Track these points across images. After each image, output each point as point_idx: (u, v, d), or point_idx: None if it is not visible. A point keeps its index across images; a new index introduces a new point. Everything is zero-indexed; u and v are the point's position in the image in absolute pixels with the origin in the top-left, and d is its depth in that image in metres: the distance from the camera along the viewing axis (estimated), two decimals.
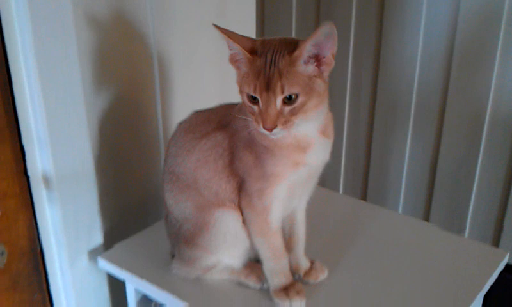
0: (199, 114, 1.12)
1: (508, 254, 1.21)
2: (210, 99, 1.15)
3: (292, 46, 0.89)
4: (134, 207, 1.40)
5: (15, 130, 1.12)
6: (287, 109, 0.90)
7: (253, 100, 0.91)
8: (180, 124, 1.13)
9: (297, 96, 0.89)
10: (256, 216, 1.03)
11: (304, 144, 0.98)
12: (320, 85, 0.92)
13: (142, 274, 1.16)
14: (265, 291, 1.09)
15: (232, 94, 1.11)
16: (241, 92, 0.94)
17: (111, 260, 1.22)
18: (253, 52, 0.91)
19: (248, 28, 1.65)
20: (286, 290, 1.06)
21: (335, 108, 1.03)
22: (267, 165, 0.98)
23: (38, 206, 1.19)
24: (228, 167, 1.04)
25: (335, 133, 1.05)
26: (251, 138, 0.99)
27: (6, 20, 1.05)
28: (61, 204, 1.19)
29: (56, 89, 1.13)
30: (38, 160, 1.16)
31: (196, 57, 1.48)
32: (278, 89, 0.88)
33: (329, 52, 0.90)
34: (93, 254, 1.27)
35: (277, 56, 0.89)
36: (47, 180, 1.18)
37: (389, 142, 1.86)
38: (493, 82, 1.59)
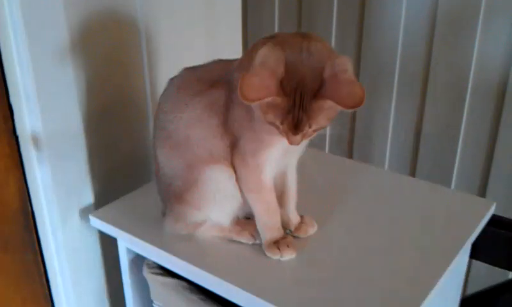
0: (191, 71, 1.10)
1: (495, 204, 1.24)
2: (197, 56, 1.14)
3: (318, 80, 0.88)
4: (124, 167, 1.40)
5: (2, 89, 1.11)
6: (311, 129, 0.92)
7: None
8: (172, 80, 1.12)
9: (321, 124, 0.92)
10: (250, 174, 1.04)
11: None
12: (338, 109, 0.91)
13: (134, 232, 1.17)
14: (257, 246, 1.11)
15: (220, 51, 1.10)
16: (259, 107, 0.91)
17: (103, 218, 1.22)
18: (280, 86, 0.88)
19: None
20: (277, 243, 1.08)
21: None
22: (262, 130, 0.98)
23: (28, 166, 1.19)
24: (223, 125, 1.03)
25: None
26: None
27: None
28: (50, 164, 1.19)
29: (43, 46, 1.12)
30: (27, 120, 1.16)
31: (183, 13, 1.47)
32: (306, 127, 0.90)
33: None
34: (84, 212, 1.28)
35: (304, 98, 0.88)
36: (36, 140, 1.17)
37: (373, 107, 1.87)
38: (475, 47, 1.61)
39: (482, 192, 1.74)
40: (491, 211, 1.23)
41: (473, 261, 1.77)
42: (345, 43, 1.87)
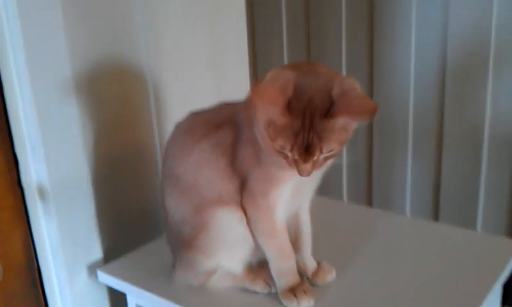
0: (197, 115, 1.09)
1: None
2: (205, 100, 1.12)
3: (327, 99, 0.85)
4: (133, 220, 1.36)
5: (7, 139, 1.09)
6: (322, 157, 0.88)
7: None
8: (178, 125, 1.10)
9: (332, 150, 0.88)
10: (261, 216, 1.00)
11: None
12: (350, 131, 0.89)
13: (143, 286, 1.12)
14: (273, 295, 1.05)
15: (227, 95, 1.09)
16: (268, 135, 0.88)
17: (111, 273, 1.18)
18: (287, 106, 0.85)
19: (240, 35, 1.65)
20: (293, 290, 1.02)
21: None
22: (272, 169, 0.95)
23: (34, 219, 1.16)
24: (231, 167, 1.00)
25: None
26: (256, 139, 0.96)
27: None
28: (57, 216, 1.16)
29: (49, 97, 1.11)
30: (32, 171, 1.13)
31: (190, 61, 1.47)
32: (317, 152, 0.86)
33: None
34: (92, 267, 1.23)
35: (314, 118, 0.85)
36: (41, 192, 1.14)
37: (389, 164, 1.84)
38: (489, 98, 1.59)
39: (510, 235, 1.67)
40: None
41: None
42: None
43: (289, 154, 0.87)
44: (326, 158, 0.89)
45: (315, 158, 0.87)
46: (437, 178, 1.76)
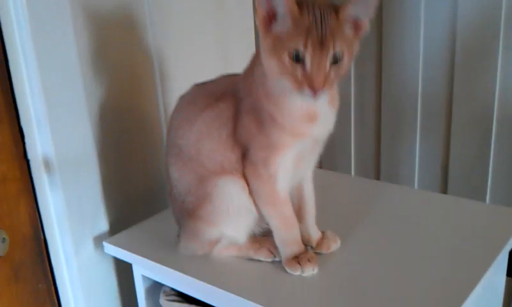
0: (200, 87, 1.10)
1: None
2: (209, 74, 1.12)
3: (334, 6, 0.87)
4: (138, 194, 1.37)
5: (13, 112, 1.10)
6: (333, 69, 0.87)
7: (297, 59, 0.86)
8: (181, 97, 1.11)
9: (343, 55, 0.87)
10: (263, 185, 1.00)
11: (313, 114, 0.95)
12: (356, 48, 0.91)
13: (149, 256, 1.13)
14: (277, 263, 1.06)
15: (231, 68, 1.09)
16: (276, 51, 0.88)
17: (117, 244, 1.18)
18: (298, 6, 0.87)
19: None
20: (297, 259, 1.02)
21: (340, 109, 1.02)
22: (272, 133, 0.95)
23: (40, 191, 1.16)
24: (232, 136, 1.01)
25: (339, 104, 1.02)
26: (256, 105, 0.96)
27: (2, 3, 1.04)
28: (63, 189, 1.16)
29: (54, 70, 1.11)
30: (38, 144, 1.14)
31: (194, 33, 1.47)
32: (331, 47, 0.85)
33: (368, 15, 0.89)
34: (99, 239, 1.24)
35: (326, 14, 0.85)
36: (47, 164, 1.15)
37: (397, 149, 1.83)
38: (498, 78, 1.57)
39: None
40: None
41: None
42: (365, 81, 1.85)
43: (298, 68, 0.86)
44: (336, 74, 0.88)
45: (330, 53, 0.85)
46: (446, 157, 1.75)
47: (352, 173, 1.96)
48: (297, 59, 0.86)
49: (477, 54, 1.60)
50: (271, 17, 0.89)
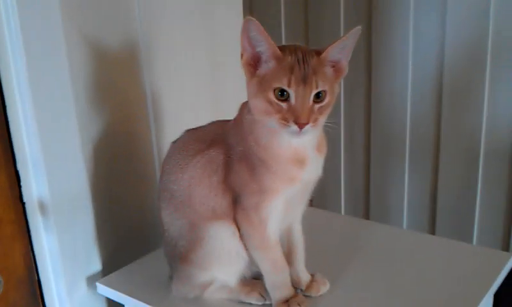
0: (191, 133, 1.12)
1: None
2: (202, 119, 1.15)
3: (315, 50, 0.93)
4: (132, 233, 1.38)
5: (9, 156, 1.12)
6: (317, 106, 0.92)
7: (281, 97, 0.91)
8: (173, 143, 1.13)
9: (325, 94, 0.92)
10: (254, 230, 1.02)
11: (302, 158, 0.98)
12: (336, 89, 0.96)
13: (142, 298, 1.14)
14: (267, 306, 1.07)
15: (224, 113, 1.12)
16: (262, 91, 0.92)
17: (110, 285, 1.20)
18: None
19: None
20: (288, 303, 1.04)
21: (330, 148, 1.05)
22: (264, 179, 0.98)
23: (34, 234, 1.18)
24: (223, 183, 1.03)
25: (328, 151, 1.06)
26: (247, 152, 0.99)
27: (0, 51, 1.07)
28: (57, 231, 1.18)
29: (50, 115, 1.14)
30: (34, 187, 1.16)
31: (188, 79, 1.50)
32: (314, 84, 0.90)
33: (346, 59, 0.95)
34: (92, 280, 1.25)
35: (307, 55, 0.91)
36: (42, 207, 1.17)
37: (386, 178, 1.86)
38: (485, 111, 1.60)
39: (506, 248, 1.68)
40: (511, 263, 1.18)
41: None
42: (354, 110, 1.88)
43: (284, 105, 0.90)
44: (319, 111, 0.92)
45: (313, 89, 0.90)
46: (434, 191, 1.78)
47: (342, 209, 1.98)
48: (282, 96, 0.90)
49: (464, 89, 1.63)
50: (255, 61, 0.94)
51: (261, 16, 0.94)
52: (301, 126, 0.90)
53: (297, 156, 0.97)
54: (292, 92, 0.90)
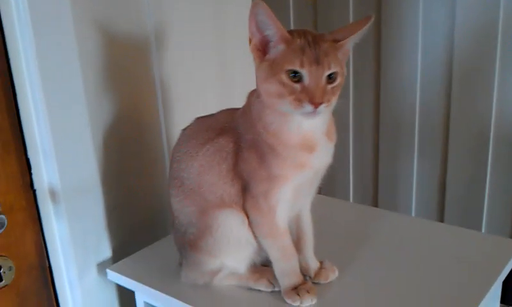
0: (201, 121, 1.13)
1: None
2: (211, 107, 1.15)
3: (329, 36, 0.94)
4: (141, 221, 1.39)
5: (20, 143, 1.13)
6: (329, 86, 0.92)
7: (294, 78, 0.91)
8: (184, 130, 1.14)
9: (337, 75, 0.93)
10: (263, 217, 1.03)
11: (311, 144, 0.98)
12: (344, 72, 0.96)
13: (151, 284, 1.15)
14: (276, 293, 1.08)
15: (232, 101, 1.12)
16: (273, 75, 0.92)
17: (120, 271, 1.21)
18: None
19: None
20: (296, 290, 1.05)
21: (339, 135, 1.05)
22: (273, 166, 0.98)
23: (45, 221, 1.19)
24: (232, 171, 1.03)
25: (338, 137, 1.06)
26: (257, 140, 0.99)
27: (10, 39, 1.08)
28: (68, 218, 1.19)
29: (60, 102, 1.14)
30: (44, 174, 1.17)
31: (197, 66, 1.50)
32: (326, 64, 0.90)
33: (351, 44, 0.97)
34: (102, 267, 1.27)
35: (317, 38, 0.92)
36: (53, 194, 1.18)
37: (395, 165, 1.85)
38: (494, 97, 1.59)
39: None
40: None
41: None
42: (363, 97, 1.87)
43: (297, 86, 0.91)
44: (332, 91, 0.93)
45: (326, 70, 0.90)
46: (443, 178, 1.77)
47: (351, 197, 1.98)
48: (295, 77, 0.90)
49: (474, 75, 1.62)
50: (263, 46, 0.94)
51: (270, 2, 0.93)
52: (316, 105, 0.90)
53: (306, 142, 0.97)
54: (305, 72, 0.90)
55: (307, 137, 0.98)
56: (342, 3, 1.81)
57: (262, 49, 0.94)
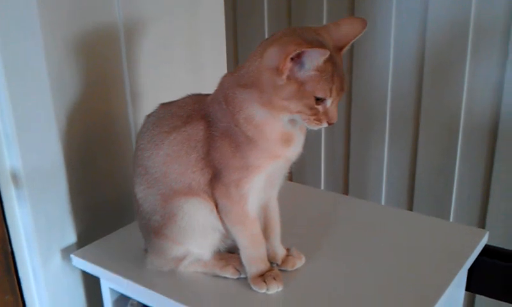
0: (166, 107, 1.10)
1: (488, 233, 1.21)
2: (181, 91, 1.13)
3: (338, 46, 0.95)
4: (107, 206, 1.37)
5: None
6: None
7: (318, 100, 0.92)
8: (148, 117, 1.11)
9: None
10: (233, 205, 1.02)
11: (290, 138, 0.99)
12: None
13: (116, 270, 1.13)
14: (242, 280, 1.07)
15: (203, 84, 1.10)
16: (300, 98, 0.91)
17: (85, 257, 1.19)
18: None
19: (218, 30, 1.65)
20: (263, 276, 1.04)
21: (310, 131, 1.05)
22: (249, 156, 0.97)
23: (7, 205, 1.16)
24: (202, 160, 1.02)
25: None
26: (232, 129, 0.98)
27: None
28: (30, 202, 1.16)
29: (22, 84, 1.11)
30: (6, 157, 1.14)
31: (166, 48, 1.48)
32: (345, 88, 0.94)
33: None
34: (66, 252, 1.24)
35: (339, 60, 0.93)
36: (15, 178, 1.15)
37: (366, 154, 1.86)
38: (465, 90, 1.61)
39: (482, 225, 1.70)
40: (485, 240, 1.20)
41: (477, 297, 1.72)
42: None
43: (319, 107, 0.92)
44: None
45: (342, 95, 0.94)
46: (413, 168, 1.79)
47: (322, 185, 1.99)
48: (319, 100, 0.92)
49: (445, 68, 1.63)
50: (293, 65, 0.91)
51: (243, 2, 0.91)
52: (332, 124, 0.94)
53: (286, 136, 0.99)
54: (330, 100, 0.92)
55: (288, 132, 0.99)
56: None
57: (291, 68, 0.90)
